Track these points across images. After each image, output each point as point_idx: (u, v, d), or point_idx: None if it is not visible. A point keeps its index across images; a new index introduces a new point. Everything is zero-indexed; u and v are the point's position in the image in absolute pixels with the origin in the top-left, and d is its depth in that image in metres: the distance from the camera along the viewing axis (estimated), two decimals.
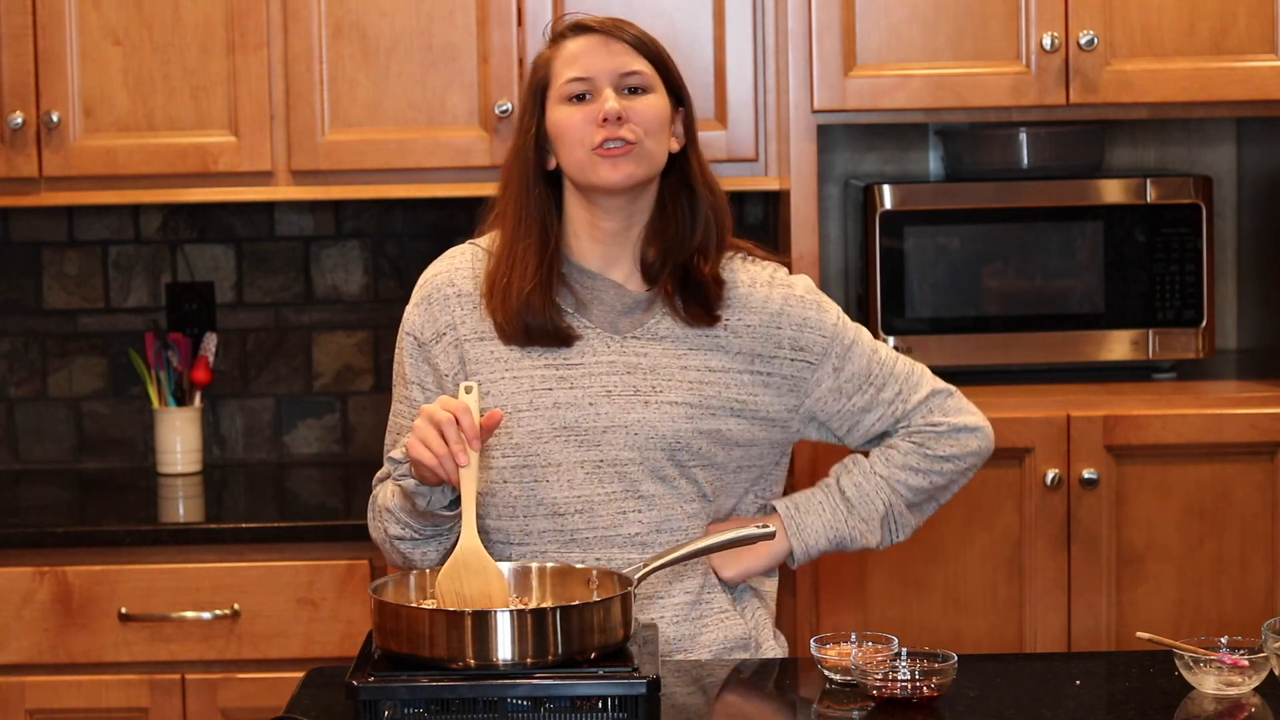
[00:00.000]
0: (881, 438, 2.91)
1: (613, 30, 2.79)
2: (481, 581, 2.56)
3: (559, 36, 2.82)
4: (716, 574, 2.85)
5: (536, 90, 2.81)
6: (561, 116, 2.77)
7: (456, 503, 2.69)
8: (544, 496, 2.78)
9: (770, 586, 2.96)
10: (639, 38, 2.79)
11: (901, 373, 2.90)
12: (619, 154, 2.75)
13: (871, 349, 2.89)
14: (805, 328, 2.84)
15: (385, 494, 2.81)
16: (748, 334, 2.83)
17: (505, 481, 2.80)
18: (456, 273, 2.85)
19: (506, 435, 2.78)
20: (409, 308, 2.87)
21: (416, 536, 2.78)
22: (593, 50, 2.77)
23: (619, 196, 2.79)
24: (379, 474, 2.89)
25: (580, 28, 2.80)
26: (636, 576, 2.59)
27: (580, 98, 2.77)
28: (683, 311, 2.82)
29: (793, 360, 2.83)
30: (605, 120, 2.74)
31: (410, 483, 2.67)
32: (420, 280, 2.89)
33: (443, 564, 2.66)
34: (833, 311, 2.88)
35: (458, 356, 2.82)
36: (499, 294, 2.79)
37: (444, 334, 2.82)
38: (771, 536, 2.72)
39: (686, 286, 2.81)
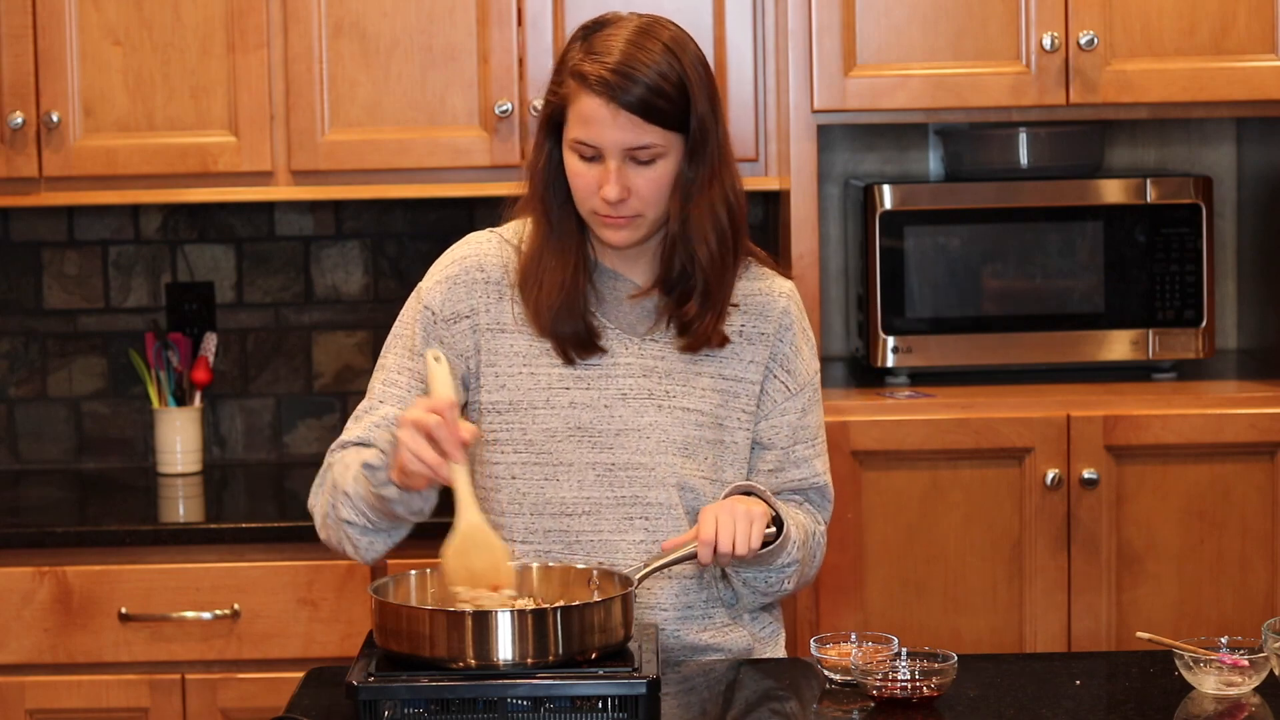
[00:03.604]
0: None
1: (620, 94, 2.66)
2: (489, 556, 2.56)
3: (576, 77, 2.70)
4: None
5: (551, 122, 2.75)
6: (571, 168, 2.73)
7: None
8: (552, 495, 2.78)
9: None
10: (647, 100, 2.67)
11: (827, 458, 2.90)
12: (620, 224, 2.73)
13: (821, 409, 2.90)
14: (799, 356, 2.85)
15: (345, 477, 2.72)
16: (761, 341, 2.83)
17: (514, 478, 2.80)
18: (486, 258, 2.82)
19: (520, 431, 2.78)
20: (430, 281, 2.83)
21: (370, 527, 2.72)
22: (600, 120, 2.67)
23: None
24: (338, 441, 2.79)
25: (589, 84, 2.68)
26: (636, 577, 2.59)
27: (589, 157, 2.71)
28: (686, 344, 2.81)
29: (776, 376, 2.83)
30: (606, 200, 2.70)
31: (393, 491, 2.63)
32: (446, 258, 2.85)
33: (380, 554, 2.71)
34: (816, 356, 2.90)
35: (473, 343, 2.80)
36: (532, 299, 2.77)
37: (464, 317, 2.80)
38: (775, 537, 2.72)
39: (686, 332, 2.80)
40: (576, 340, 2.77)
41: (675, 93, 2.69)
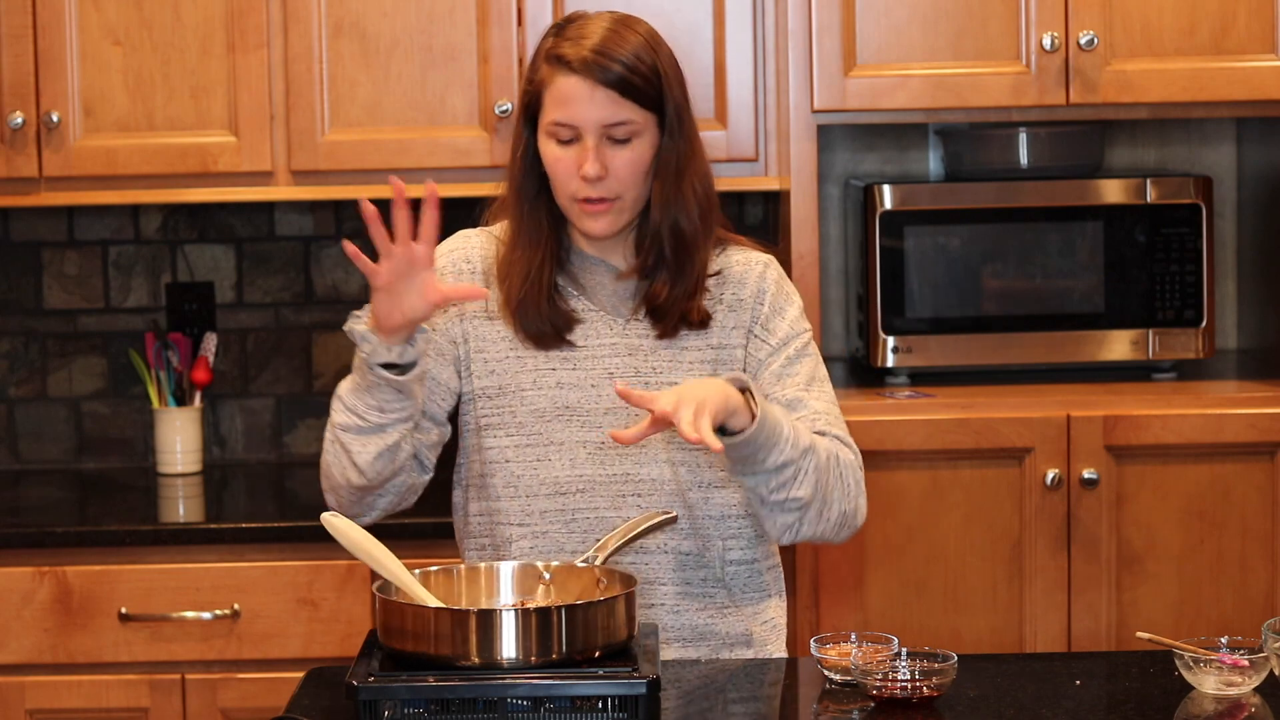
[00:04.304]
0: None
1: (598, 72, 2.73)
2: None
3: (552, 60, 2.77)
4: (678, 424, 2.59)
5: (527, 110, 2.81)
6: (548, 155, 2.79)
7: (397, 368, 2.69)
8: (546, 475, 2.82)
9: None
10: (625, 77, 2.74)
11: (832, 407, 2.84)
12: (599, 210, 2.78)
13: (819, 366, 2.87)
14: (778, 316, 2.86)
15: (341, 385, 2.79)
16: (740, 307, 2.86)
17: (507, 460, 2.83)
18: (472, 251, 2.90)
19: (510, 414, 2.83)
20: None
21: (362, 423, 2.74)
22: (578, 98, 2.74)
23: None
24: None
25: (567, 65, 2.75)
26: (597, 562, 2.61)
27: (566, 140, 2.77)
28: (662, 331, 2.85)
29: (756, 336, 2.86)
30: (585, 178, 2.76)
31: (362, 327, 2.69)
32: (437, 252, 2.88)
33: (374, 465, 2.72)
34: (804, 319, 2.90)
35: (461, 331, 2.87)
36: (502, 293, 2.84)
37: (451, 305, 2.86)
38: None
39: (659, 315, 2.84)
40: (539, 335, 2.82)
41: (650, 74, 2.77)
